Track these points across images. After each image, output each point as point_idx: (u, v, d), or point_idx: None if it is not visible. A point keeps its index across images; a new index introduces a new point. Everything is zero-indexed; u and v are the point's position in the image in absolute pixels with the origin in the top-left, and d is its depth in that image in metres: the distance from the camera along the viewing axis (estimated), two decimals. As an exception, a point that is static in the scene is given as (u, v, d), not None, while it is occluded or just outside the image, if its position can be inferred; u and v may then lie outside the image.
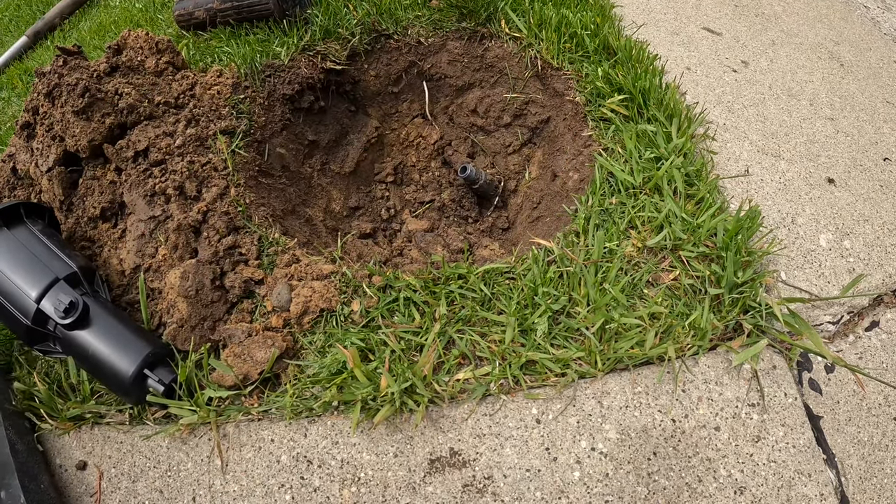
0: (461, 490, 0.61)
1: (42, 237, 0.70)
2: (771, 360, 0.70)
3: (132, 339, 0.65)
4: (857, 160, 0.99)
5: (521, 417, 0.65)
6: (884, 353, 0.76)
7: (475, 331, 0.68)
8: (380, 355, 0.66)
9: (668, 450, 0.64)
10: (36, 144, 0.84)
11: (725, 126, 0.99)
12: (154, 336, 0.69)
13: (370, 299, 0.70)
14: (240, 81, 0.96)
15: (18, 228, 0.70)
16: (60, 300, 0.64)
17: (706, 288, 0.72)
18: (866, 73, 1.24)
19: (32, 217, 0.74)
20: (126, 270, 0.76)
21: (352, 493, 0.61)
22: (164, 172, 0.78)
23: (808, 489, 0.63)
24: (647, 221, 0.78)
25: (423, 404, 0.64)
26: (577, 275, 0.71)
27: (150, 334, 0.69)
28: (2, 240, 0.68)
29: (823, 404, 0.71)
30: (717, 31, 1.25)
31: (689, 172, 0.84)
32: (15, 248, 0.68)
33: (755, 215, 0.79)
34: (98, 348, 0.64)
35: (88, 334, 0.64)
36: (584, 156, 0.89)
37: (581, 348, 0.67)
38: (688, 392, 0.67)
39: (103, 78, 0.82)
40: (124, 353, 0.63)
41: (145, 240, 0.75)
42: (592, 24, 1.06)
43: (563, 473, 0.62)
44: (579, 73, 1.00)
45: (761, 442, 0.65)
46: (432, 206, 0.99)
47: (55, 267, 0.67)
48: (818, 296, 0.77)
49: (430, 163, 1.05)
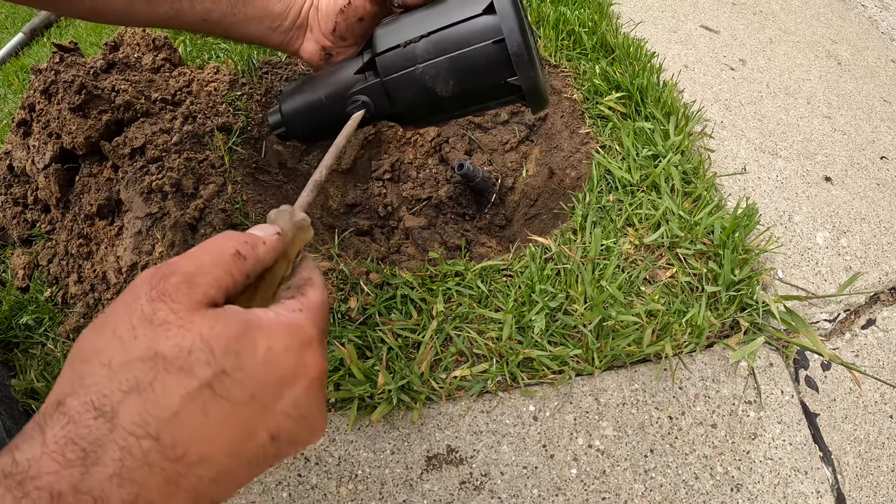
0: (458, 487, 0.61)
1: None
2: (768, 358, 0.71)
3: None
4: (854, 158, 1.00)
5: (519, 415, 0.65)
6: (880, 350, 0.77)
7: (472, 328, 0.68)
8: (377, 352, 0.66)
9: (665, 447, 0.64)
10: (32, 142, 0.84)
11: (723, 124, 0.99)
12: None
13: (367, 296, 0.70)
14: (237, 78, 0.96)
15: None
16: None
17: (703, 285, 0.72)
18: (864, 71, 1.24)
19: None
20: (123, 268, 0.75)
21: (349, 490, 0.61)
22: (160, 169, 0.77)
23: (805, 486, 0.63)
24: (645, 219, 0.78)
25: (421, 401, 0.64)
26: (575, 272, 0.71)
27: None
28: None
29: (820, 402, 0.71)
30: (715, 29, 1.25)
31: (686, 170, 0.84)
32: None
33: (752, 213, 0.79)
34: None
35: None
36: (582, 153, 0.89)
37: (578, 346, 0.67)
38: (685, 389, 0.68)
39: (100, 75, 0.82)
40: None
41: (142, 237, 0.75)
42: (590, 22, 1.06)
43: (560, 470, 0.62)
44: (577, 71, 1.00)
45: (758, 439, 0.65)
46: (429, 204, 0.98)
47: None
48: (815, 294, 0.77)
49: (427, 160, 1.05)
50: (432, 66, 0.54)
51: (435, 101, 0.57)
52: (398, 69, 0.55)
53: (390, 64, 0.56)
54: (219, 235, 0.30)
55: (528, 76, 0.53)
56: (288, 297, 0.32)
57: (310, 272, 0.35)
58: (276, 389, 0.27)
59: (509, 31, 0.51)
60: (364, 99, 0.58)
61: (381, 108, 0.59)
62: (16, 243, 0.87)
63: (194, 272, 0.27)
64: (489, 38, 0.52)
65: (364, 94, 0.58)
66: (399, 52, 0.55)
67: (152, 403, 0.23)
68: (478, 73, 0.54)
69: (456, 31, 0.53)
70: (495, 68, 0.53)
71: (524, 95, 0.56)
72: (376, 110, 0.59)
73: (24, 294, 0.81)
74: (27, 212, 0.87)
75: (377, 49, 0.56)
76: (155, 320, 0.25)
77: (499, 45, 0.52)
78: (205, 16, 0.54)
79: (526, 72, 0.53)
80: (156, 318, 0.25)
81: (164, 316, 0.25)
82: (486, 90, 0.57)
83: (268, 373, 0.27)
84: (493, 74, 0.54)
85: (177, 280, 0.26)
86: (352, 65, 0.60)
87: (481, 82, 0.55)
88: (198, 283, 0.27)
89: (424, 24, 0.55)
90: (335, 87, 0.60)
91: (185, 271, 0.27)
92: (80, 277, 0.78)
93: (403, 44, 0.55)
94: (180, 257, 0.28)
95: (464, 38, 0.53)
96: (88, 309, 0.74)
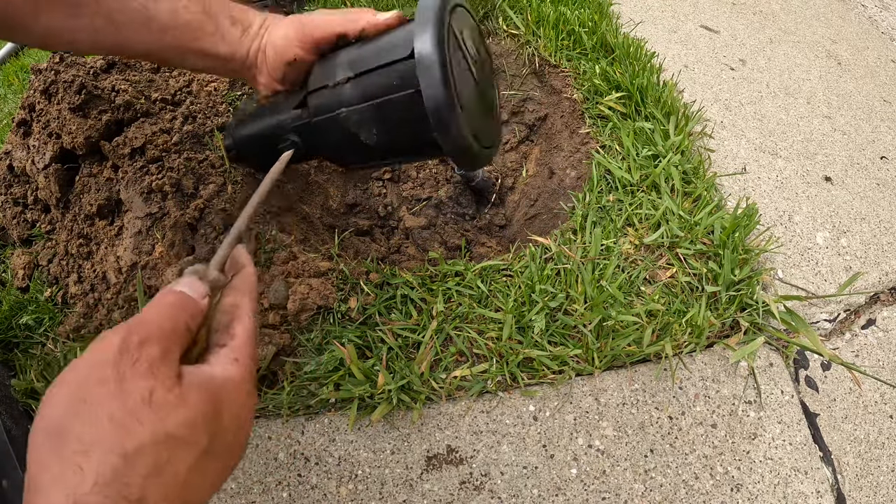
0: (458, 487, 0.61)
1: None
2: (768, 358, 0.71)
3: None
4: (854, 158, 1.00)
5: (519, 414, 0.65)
6: (880, 350, 0.77)
7: (472, 328, 0.68)
8: (377, 352, 0.66)
9: (665, 447, 0.64)
10: (32, 142, 0.84)
11: (723, 124, 0.99)
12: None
13: (367, 296, 0.70)
14: (237, 78, 0.96)
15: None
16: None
17: (703, 285, 0.72)
18: (864, 71, 1.24)
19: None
20: (123, 268, 0.75)
21: (349, 490, 0.61)
22: (160, 169, 0.77)
23: (805, 486, 0.63)
24: (645, 219, 0.78)
25: (421, 401, 0.64)
26: (575, 272, 0.71)
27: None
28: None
29: (820, 402, 0.71)
30: (715, 29, 1.25)
31: (686, 170, 0.84)
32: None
33: (752, 213, 0.79)
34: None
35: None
36: (582, 153, 0.89)
37: (578, 346, 0.67)
38: (685, 389, 0.68)
39: (100, 75, 0.82)
40: None
41: (142, 237, 0.75)
42: (590, 22, 1.06)
43: (560, 470, 0.62)
44: (577, 71, 1.00)
45: (758, 439, 0.65)
46: (429, 204, 0.98)
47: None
48: (815, 294, 0.77)
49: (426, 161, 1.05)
50: (356, 111, 0.50)
51: (359, 149, 0.53)
52: (325, 111, 0.53)
53: (319, 104, 0.53)
54: (165, 299, 0.32)
55: (448, 134, 0.45)
56: (220, 344, 0.35)
57: (234, 297, 0.37)
58: (239, 434, 0.33)
59: (428, 83, 0.44)
60: (294, 139, 0.56)
61: (311, 148, 0.57)
62: (16, 243, 0.87)
63: (166, 342, 0.30)
64: (411, 87, 0.47)
65: (295, 133, 0.56)
66: (327, 93, 0.52)
67: (171, 477, 0.27)
68: (400, 124, 0.49)
69: (381, 73, 0.49)
70: (418, 121, 0.47)
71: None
72: (306, 150, 0.57)
73: (24, 294, 0.81)
74: (27, 212, 0.87)
75: (309, 87, 0.54)
76: (154, 402, 0.27)
77: (419, 95, 0.45)
78: (150, 50, 0.55)
79: (447, 131, 0.45)
80: (154, 399, 0.27)
81: (161, 396, 0.28)
82: (411, 143, 0.52)
83: (236, 426, 0.32)
84: (416, 127, 0.48)
85: (154, 351, 0.29)
86: (292, 99, 0.58)
87: (404, 135, 0.50)
88: (171, 351, 0.30)
89: (355, 64, 0.51)
90: (276, 121, 0.58)
91: (158, 339, 0.29)
92: (80, 277, 0.78)
93: (332, 84, 0.52)
94: (142, 323, 0.30)
95: (387, 83, 0.48)
96: (88, 309, 0.74)
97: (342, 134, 0.53)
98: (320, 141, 0.55)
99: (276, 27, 0.58)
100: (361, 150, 0.54)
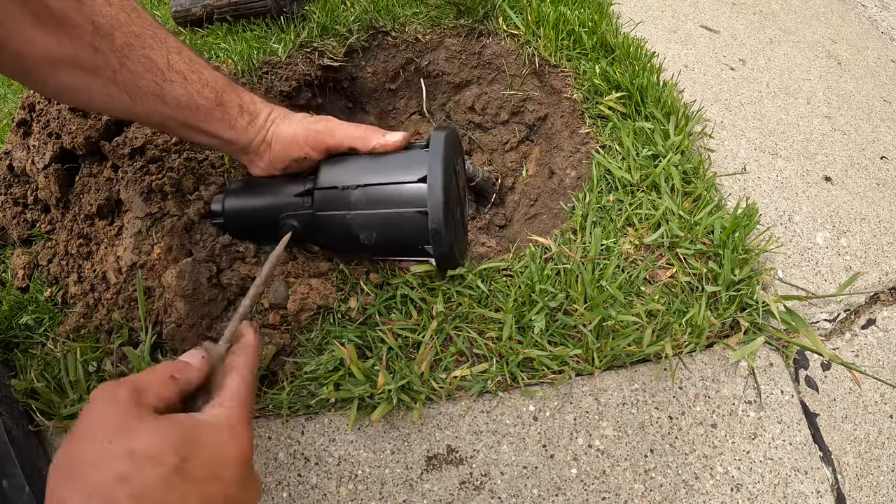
0: (458, 487, 0.61)
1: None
2: (768, 358, 0.71)
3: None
4: (854, 158, 1.00)
5: (519, 414, 0.65)
6: (880, 350, 0.77)
7: (472, 328, 0.68)
8: (377, 352, 0.66)
9: (665, 447, 0.64)
10: (32, 142, 0.84)
11: (723, 124, 0.99)
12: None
13: (367, 296, 0.70)
14: (237, 78, 0.96)
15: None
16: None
17: (703, 285, 0.72)
18: (864, 71, 1.24)
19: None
20: (123, 268, 0.75)
21: (349, 490, 0.61)
22: (160, 169, 0.77)
23: (805, 486, 0.63)
24: (645, 219, 0.78)
25: (421, 401, 0.64)
26: (575, 272, 0.71)
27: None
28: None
29: (820, 402, 0.71)
30: (715, 29, 1.25)
31: (686, 170, 0.84)
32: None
33: (752, 213, 0.79)
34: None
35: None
36: (582, 153, 0.89)
37: (578, 346, 0.67)
38: (685, 389, 0.68)
39: (99, 74, 0.82)
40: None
41: (142, 237, 0.75)
42: (590, 22, 1.06)
43: (561, 470, 0.62)
44: (577, 71, 1.00)
45: (758, 439, 0.65)
46: (430, 204, 0.98)
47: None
48: (815, 294, 0.77)
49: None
50: (361, 216, 0.59)
51: (356, 245, 0.61)
52: (331, 209, 0.60)
53: (326, 201, 0.60)
54: (162, 364, 0.40)
55: (441, 248, 0.58)
56: (214, 396, 0.41)
57: (232, 359, 0.44)
58: (222, 467, 0.36)
59: (433, 206, 0.56)
60: (293, 224, 0.63)
61: (308, 236, 0.65)
62: (16, 243, 0.87)
63: (143, 386, 0.37)
64: (417, 206, 0.57)
65: (296, 220, 0.63)
66: (335, 193, 0.60)
67: (138, 487, 0.31)
68: (400, 233, 0.59)
69: (390, 190, 0.58)
70: (417, 233, 0.58)
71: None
72: (303, 236, 0.64)
73: (24, 294, 0.81)
74: (27, 212, 0.87)
75: (318, 184, 0.61)
76: (123, 428, 0.33)
77: (422, 215, 0.57)
78: (159, 122, 0.58)
79: (440, 245, 0.58)
80: (124, 425, 0.33)
81: (129, 423, 0.34)
82: (403, 247, 0.61)
83: (215, 456, 0.36)
84: (413, 237, 0.59)
85: (127, 390, 0.35)
86: (293, 185, 0.64)
87: (401, 241, 0.60)
88: (146, 395, 0.36)
89: (365, 175, 0.59)
90: (275, 202, 0.65)
91: (134, 385, 0.36)
92: (80, 277, 0.78)
93: (341, 187, 0.59)
94: (132, 376, 0.37)
95: (395, 199, 0.58)
96: (88, 309, 0.74)
97: (343, 232, 0.61)
98: (320, 232, 0.63)
99: (283, 122, 0.63)
100: (357, 247, 0.62)
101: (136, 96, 0.54)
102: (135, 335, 0.70)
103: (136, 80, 0.53)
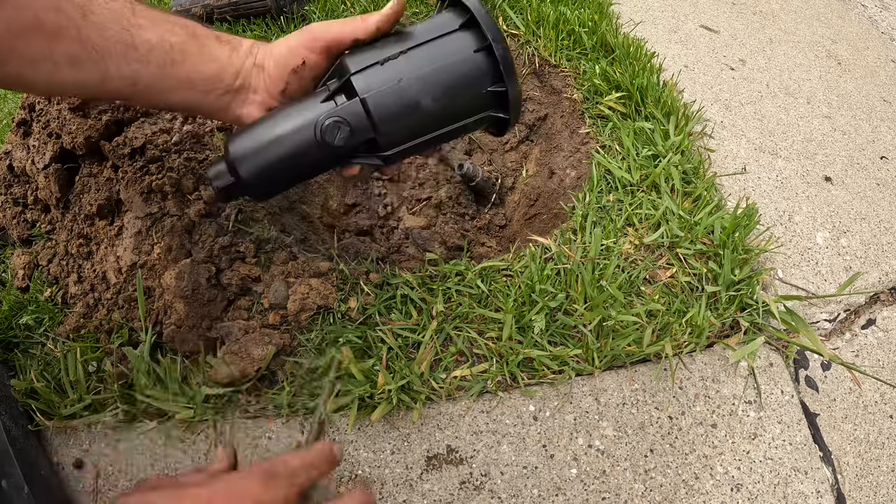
0: (458, 487, 0.61)
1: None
2: (768, 358, 0.71)
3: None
4: (853, 158, 1.00)
5: (519, 414, 0.65)
6: (880, 350, 0.77)
7: (472, 328, 0.68)
8: (377, 352, 0.66)
9: (665, 447, 0.64)
10: (32, 142, 0.84)
11: (723, 124, 0.99)
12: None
13: (367, 296, 0.70)
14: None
15: None
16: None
17: (703, 285, 0.72)
18: (863, 71, 1.24)
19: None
20: (123, 268, 0.75)
21: (349, 490, 0.61)
22: (160, 169, 0.77)
23: (805, 486, 0.63)
24: (645, 219, 0.78)
25: (421, 401, 0.64)
26: (575, 272, 0.71)
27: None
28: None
29: (820, 402, 0.71)
30: (715, 29, 1.25)
31: (686, 170, 0.84)
32: None
33: (752, 213, 0.79)
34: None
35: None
36: (582, 153, 0.89)
37: (578, 346, 0.67)
38: (685, 389, 0.68)
39: (99, 74, 0.82)
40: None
41: (142, 237, 0.75)
42: (590, 22, 1.06)
43: (560, 470, 0.62)
44: (577, 71, 1.00)
45: (758, 439, 0.65)
46: (429, 204, 0.98)
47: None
48: (815, 294, 0.77)
49: (427, 160, 1.05)
50: (417, 78, 0.52)
51: (418, 117, 0.54)
52: (380, 84, 0.52)
53: (370, 81, 0.52)
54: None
55: (514, 83, 0.53)
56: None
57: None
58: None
59: (495, 38, 0.51)
60: (343, 119, 0.52)
61: (361, 131, 0.53)
62: (16, 243, 0.87)
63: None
64: (473, 48, 0.52)
65: (338, 117, 0.53)
66: (379, 69, 0.53)
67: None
68: (464, 81, 0.53)
69: (436, 44, 0.53)
70: (480, 77, 0.53)
71: (504, 108, 0.55)
72: (354, 134, 0.53)
73: (24, 294, 0.81)
74: (27, 212, 0.87)
75: (352, 69, 0.53)
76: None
77: (482, 54, 0.52)
78: (134, 80, 0.52)
79: (513, 78, 0.53)
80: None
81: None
82: (469, 102, 0.55)
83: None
84: (478, 83, 0.54)
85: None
86: (313, 98, 0.55)
87: (466, 92, 0.54)
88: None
89: (401, 44, 0.54)
90: (301, 118, 0.53)
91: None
92: (80, 277, 0.78)
93: (381, 61, 0.53)
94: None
95: (446, 51, 0.53)
96: (88, 309, 0.74)
97: (400, 105, 0.53)
98: (374, 118, 0.53)
99: (272, 44, 0.56)
100: (418, 121, 0.54)
101: (103, 50, 0.49)
102: (135, 335, 0.70)
103: (101, 32, 0.48)
